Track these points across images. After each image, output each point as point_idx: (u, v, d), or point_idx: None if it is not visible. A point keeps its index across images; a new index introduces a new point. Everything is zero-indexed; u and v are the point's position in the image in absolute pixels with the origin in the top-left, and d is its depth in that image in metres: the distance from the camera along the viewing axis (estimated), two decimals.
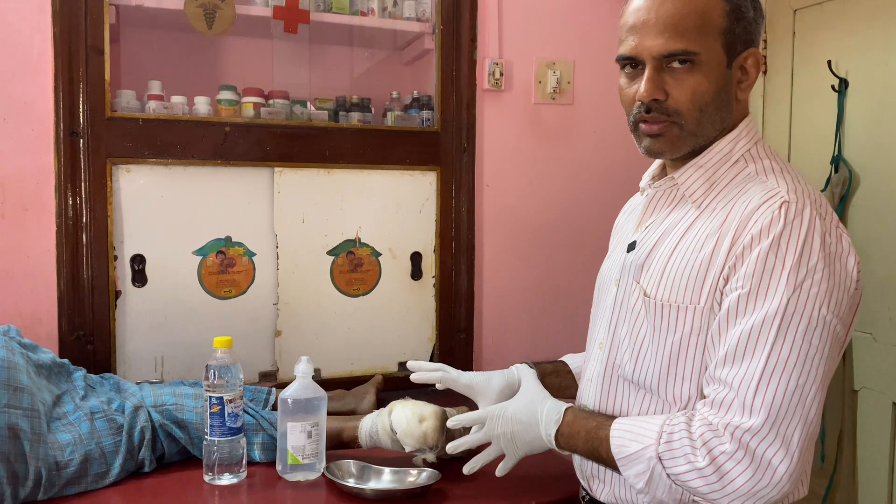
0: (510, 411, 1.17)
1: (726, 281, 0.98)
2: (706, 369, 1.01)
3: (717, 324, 0.99)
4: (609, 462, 1.04)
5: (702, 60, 1.02)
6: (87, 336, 1.70)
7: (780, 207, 0.96)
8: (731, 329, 0.97)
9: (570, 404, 1.15)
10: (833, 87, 1.88)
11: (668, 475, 0.97)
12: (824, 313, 0.94)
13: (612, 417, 1.07)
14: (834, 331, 0.96)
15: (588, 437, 1.07)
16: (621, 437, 1.02)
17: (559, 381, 1.36)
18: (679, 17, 1.02)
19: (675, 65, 1.03)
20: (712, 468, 0.93)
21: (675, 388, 1.04)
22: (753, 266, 0.95)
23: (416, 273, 2.01)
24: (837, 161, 1.87)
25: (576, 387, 1.35)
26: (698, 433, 0.95)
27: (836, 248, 0.98)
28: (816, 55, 1.94)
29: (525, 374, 1.24)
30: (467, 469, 1.22)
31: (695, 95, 1.03)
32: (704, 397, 1.00)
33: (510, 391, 1.29)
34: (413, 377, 1.34)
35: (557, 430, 1.10)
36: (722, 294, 0.99)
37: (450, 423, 1.27)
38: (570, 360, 1.40)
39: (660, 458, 0.97)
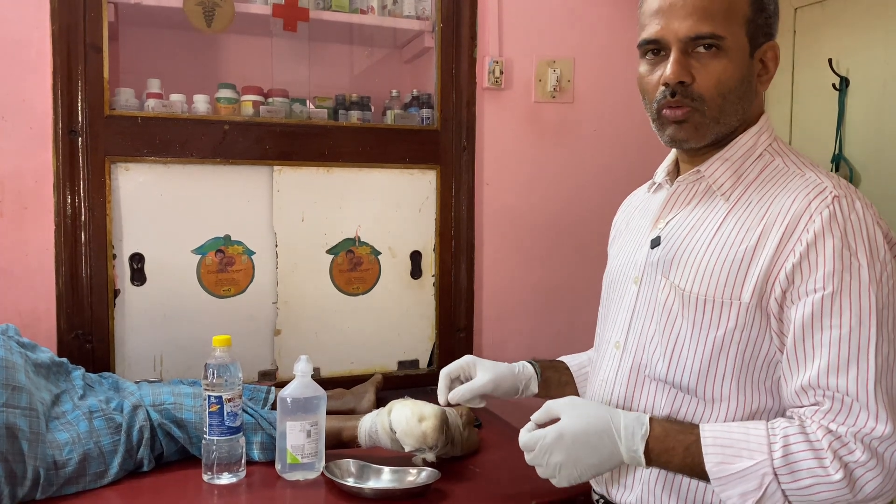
0: (569, 434, 1.02)
1: (790, 280, 0.95)
2: (747, 368, 0.99)
3: (799, 328, 0.95)
4: (708, 478, 0.97)
5: (728, 46, 1.01)
6: (86, 335, 1.69)
7: (834, 202, 0.96)
8: (824, 333, 0.93)
9: (649, 414, 1.05)
10: (834, 85, 1.88)
11: (784, 491, 0.91)
12: None
13: (696, 426, 1.00)
14: None
15: (687, 452, 0.98)
16: (720, 454, 0.95)
17: (558, 377, 1.35)
18: (707, 0, 1.01)
19: (701, 49, 1.01)
20: (846, 480, 0.89)
21: (714, 386, 1.01)
22: (832, 265, 0.93)
23: (416, 272, 2.00)
24: (838, 159, 1.87)
25: (573, 384, 1.35)
26: (825, 444, 0.91)
27: (891, 236, 0.99)
28: (817, 53, 1.94)
29: (558, 404, 1.08)
30: None
31: (720, 81, 1.01)
32: (791, 403, 0.97)
33: (511, 377, 1.28)
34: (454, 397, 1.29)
35: (647, 446, 1.00)
36: (784, 294, 0.96)
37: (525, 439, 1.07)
38: (567, 358, 1.39)
39: (776, 474, 0.91)
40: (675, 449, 0.99)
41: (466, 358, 1.32)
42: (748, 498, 0.93)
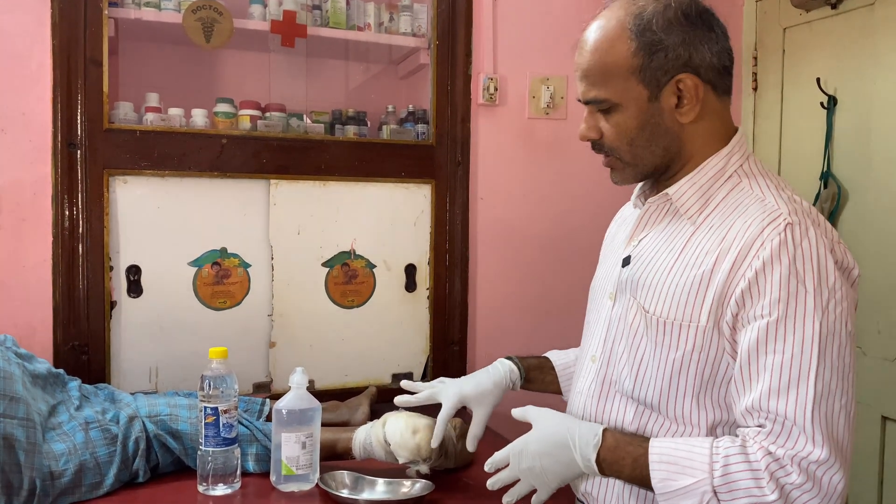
0: (533, 445, 1.10)
1: (740, 305, 0.98)
2: (706, 388, 1.02)
3: (745, 352, 0.97)
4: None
5: (618, 102, 1.07)
6: (82, 346, 1.70)
7: (786, 229, 0.97)
8: (768, 357, 0.95)
9: (605, 426, 1.09)
10: (822, 104, 1.91)
11: None
12: (849, 329, 0.97)
13: (648, 439, 1.04)
14: (854, 343, 0.99)
15: (636, 464, 1.01)
16: (664, 471, 0.98)
17: (542, 377, 1.38)
18: (588, 67, 1.09)
19: (598, 108, 1.10)
20: (781, 501, 0.91)
21: (675, 404, 1.04)
22: (777, 292, 0.95)
23: (411, 285, 2.02)
24: (826, 177, 1.89)
25: (557, 384, 1.38)
26: (763, 465, 0.93)
27: (845, 263, 1.00)
28: (805, 73, 1.97)
29: (535, 412, 1.15)
30: (505, 501, 1.15)
31: (619, 133, 1.09)
32: (739, 423, 0.99)
33: (499, 390, 1.31)
34: (398, 401, 1.33)
35: (599, 456, 1.04)
36: (735, 318, 0.99)
37: (487, 467, 1.16)
38: (555, 356, 1.41)
39: (715, 493, 0.94)
40: (625, 460, 1.03)
41: (458, 396, 1.30)
42: None
